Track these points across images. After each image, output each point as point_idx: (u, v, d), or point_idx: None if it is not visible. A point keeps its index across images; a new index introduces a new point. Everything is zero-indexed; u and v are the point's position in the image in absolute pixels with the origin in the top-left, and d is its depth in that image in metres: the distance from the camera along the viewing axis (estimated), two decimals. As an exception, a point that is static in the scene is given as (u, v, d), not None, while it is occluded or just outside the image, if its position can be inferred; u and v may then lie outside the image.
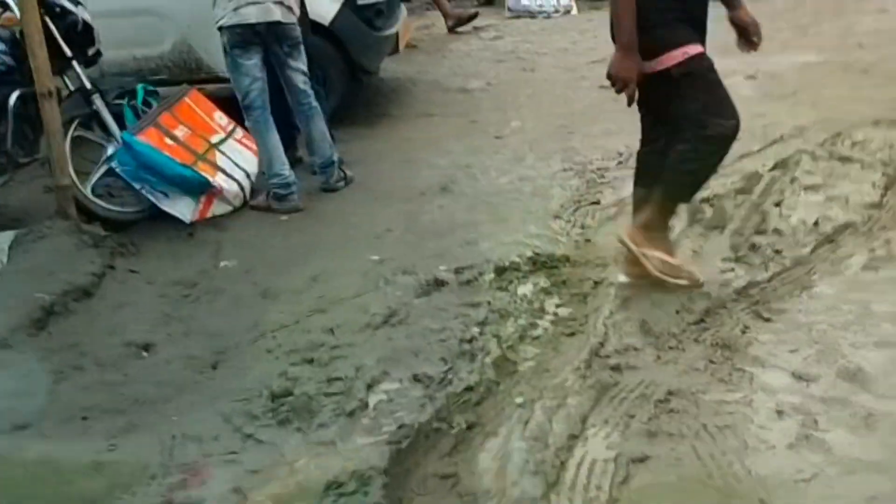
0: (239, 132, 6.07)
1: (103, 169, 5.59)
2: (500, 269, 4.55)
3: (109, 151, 5.56)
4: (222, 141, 5.97)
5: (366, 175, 6.12)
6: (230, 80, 5.71)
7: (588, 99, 7.42)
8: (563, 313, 4.14)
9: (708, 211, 5.06)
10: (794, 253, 4.49)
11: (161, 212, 5.51)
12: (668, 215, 4.29)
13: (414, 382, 3.64)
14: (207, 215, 5.60)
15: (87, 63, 5.73)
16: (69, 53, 5.51)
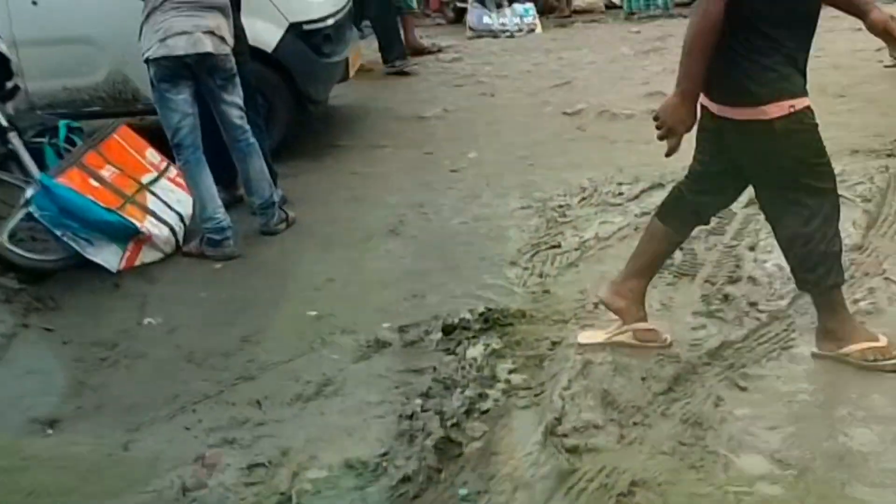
0: (173, 170, 5.63)
1: (21, 213, 5.10)
2: (448, 328, 4.12)
3: (28, 195, 5.09)
4: (154, 181, 5.53)
5: (309, 215, 5.68)
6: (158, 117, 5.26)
7: (551, 127, 7.01)
8: (516, 380, 3.71)
9: (677, 255, 4.66)
10: (771, 306, 4.09)
11: (86, 260, 5.04)
12: None
13: (345, 469, 3.23)
14: (136, 263, 5.14)
15: (2, 98, 5.28)
16: (-20, 88, 5.06)
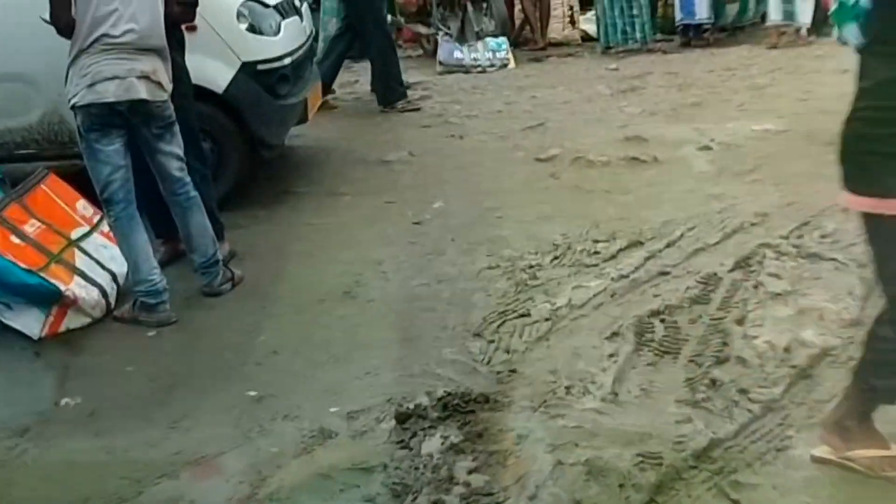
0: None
1: (-67, 273, 4.62)
2: (402, 416, 3.65)
3: (-58, 252, 4.61)
4: (85, 236, 5.03)
5: (257, 274, 5.19)
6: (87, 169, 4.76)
7: (522, 173, 6.56)
8: (476, 483, 3.23)
9: (659, 328, 4.23)
10: (763, 394, 3.63)
11: (5, 325, 4.55)
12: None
13: None
14: (60, 329, 4.63)
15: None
16: None
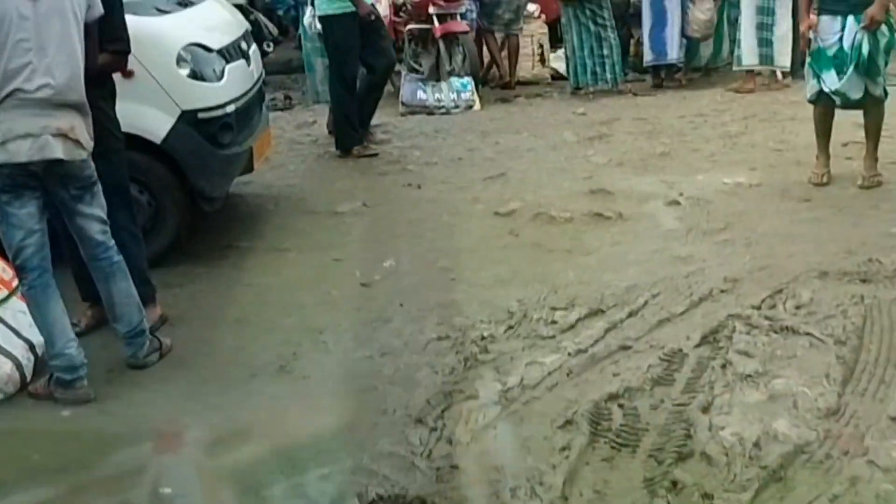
0: (27, 289, 4.74)
1: None
2: (325, 524, 3.28)
3: None
4: (2, 301, 4.62)
5: (188, 342, 4.79)
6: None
7: (480, 229, 6.18)
8: None
9: (617, 415, 3.86)
10: (730, 499, 3.27)
11: None
12: None
13: None
14: (-34, 407, 4.25)
15: None
16: None
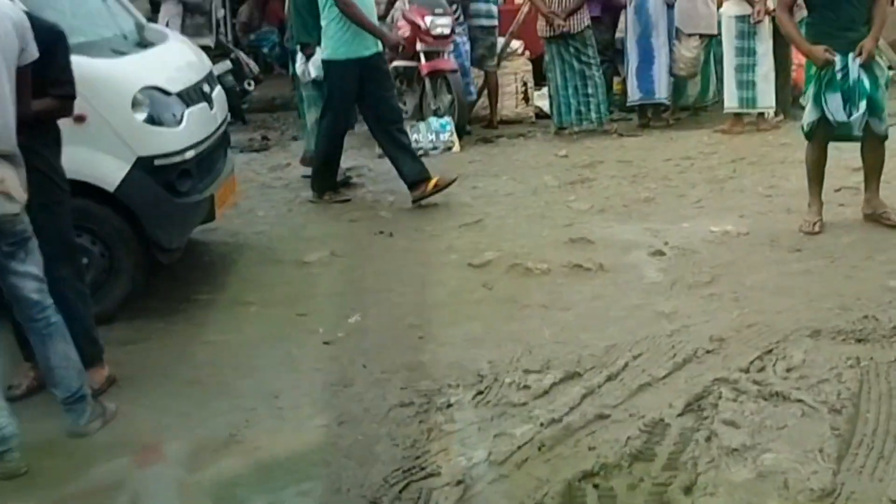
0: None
1: None
2: None
3: None
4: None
5: (133, 407, 4.43)
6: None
7: (452, 282, 5.83)
8: None
9: (591, 497, 3.52)
10: None
11: None
12: None
13: None
14: None
15: None
16: None
